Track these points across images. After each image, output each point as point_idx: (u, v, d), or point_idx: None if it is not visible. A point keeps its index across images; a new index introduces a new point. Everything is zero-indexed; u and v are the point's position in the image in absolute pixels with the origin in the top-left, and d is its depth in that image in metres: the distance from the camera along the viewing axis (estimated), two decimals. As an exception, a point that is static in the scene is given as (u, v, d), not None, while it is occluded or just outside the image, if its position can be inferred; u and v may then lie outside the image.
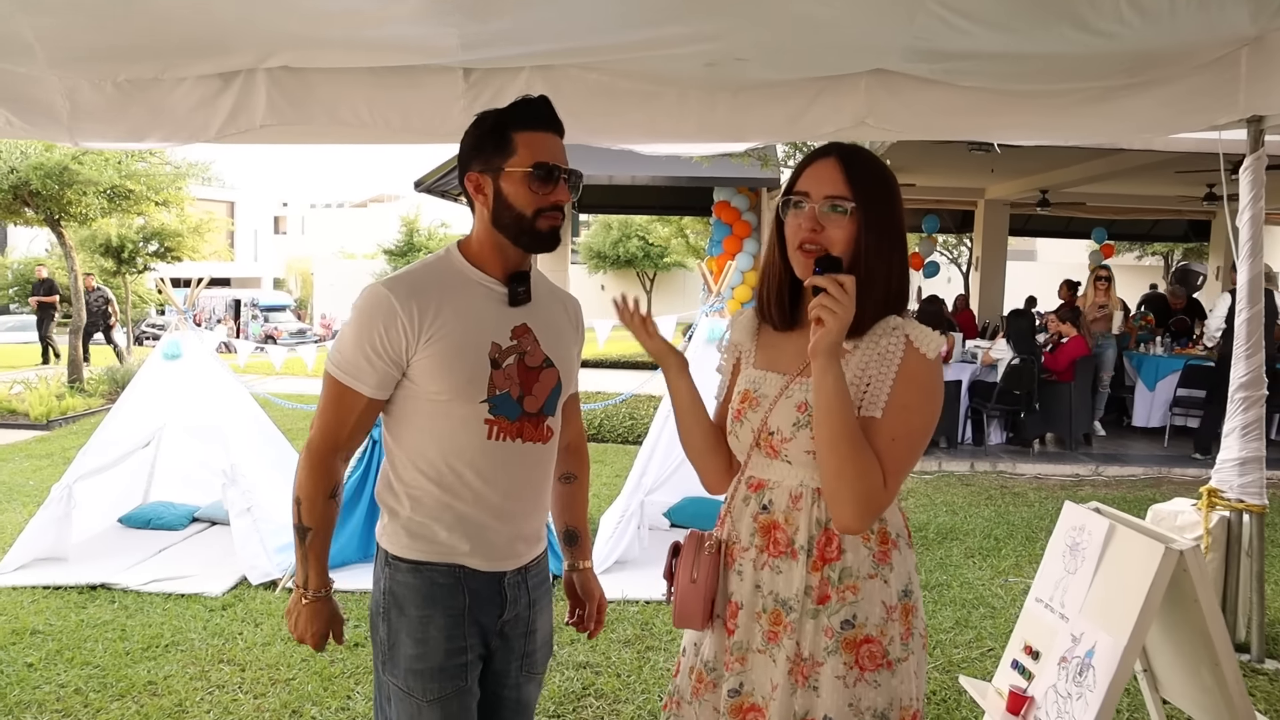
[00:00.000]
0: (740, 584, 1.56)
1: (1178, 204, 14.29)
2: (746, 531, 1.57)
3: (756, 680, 1.53)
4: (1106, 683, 1.97)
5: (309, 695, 3.33)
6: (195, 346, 5.31)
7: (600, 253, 31.76)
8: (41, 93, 3.35)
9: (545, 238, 1.65)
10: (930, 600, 4.44)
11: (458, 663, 1.66)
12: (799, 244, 1.51)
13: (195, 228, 16.57)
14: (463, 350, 1.62)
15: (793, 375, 1.54)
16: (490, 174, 1.63)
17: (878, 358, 1.50)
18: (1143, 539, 2.05)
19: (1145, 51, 3.12)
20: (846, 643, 1.48)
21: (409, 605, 1.66)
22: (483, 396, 1.63)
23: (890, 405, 1.47)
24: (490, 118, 1.66)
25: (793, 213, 1.53)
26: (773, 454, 1.54)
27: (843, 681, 1.47)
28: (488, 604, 1.69)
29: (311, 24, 2.76)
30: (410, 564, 1.67)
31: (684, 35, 2.86)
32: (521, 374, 1.67)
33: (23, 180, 10.75)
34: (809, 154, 1.57)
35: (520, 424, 1.67)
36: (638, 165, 10.29)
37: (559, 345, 1.75)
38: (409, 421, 1.66)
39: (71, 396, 10.37)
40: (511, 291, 1.68)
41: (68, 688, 3.38)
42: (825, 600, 1.49)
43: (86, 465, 4.79)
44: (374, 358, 1.60)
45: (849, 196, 1.48)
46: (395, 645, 1.67)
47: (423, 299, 1.61)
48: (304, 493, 1.65)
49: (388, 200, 52.99)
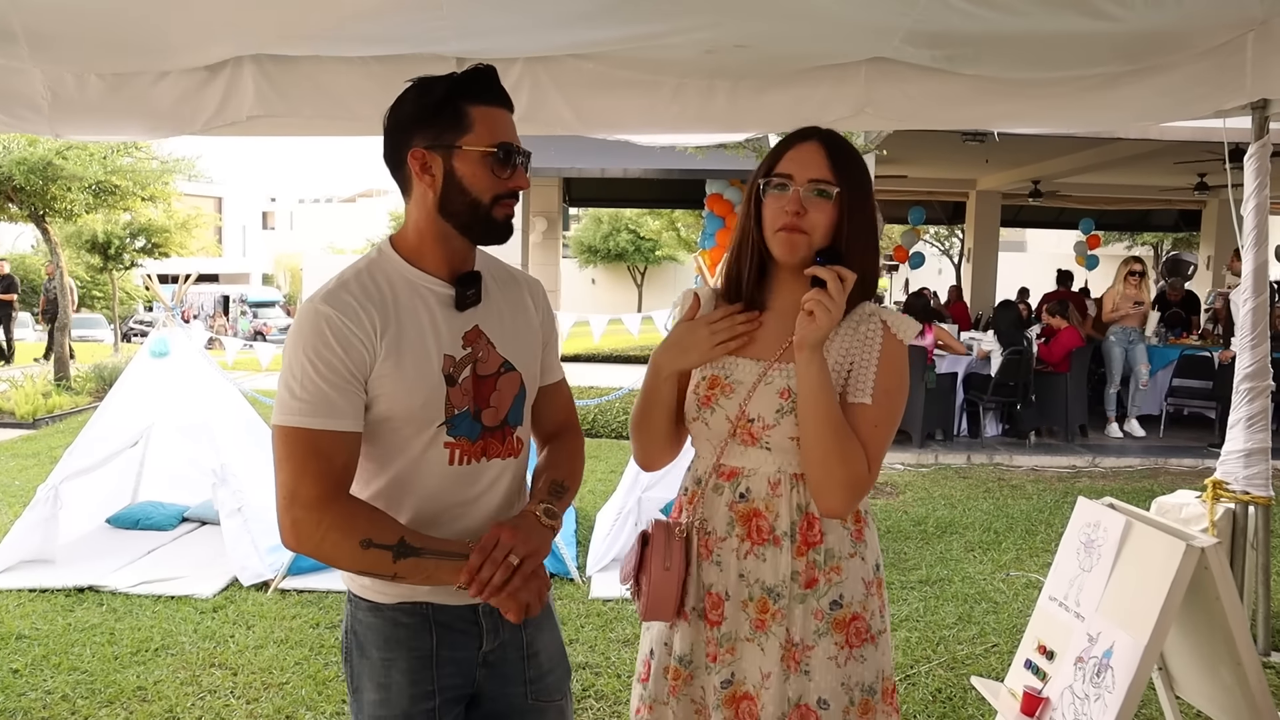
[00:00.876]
0: (721, 575, 1.55)
1: (1169, 194, 14.31)
2: (723, 521, 1.55)
3: (747, 669, 1.53)
4: (1126, 683, 1.92)
5: (303, 700, 3.26)
6: (183, 344, 5.23)
7: (591, 246, 31.68)
8: (23, 85, 3.26)
9: (501, 227, 1.45)
10: (932, 595, 4.39)
11: (424, 708, 1.48)
12: (780, 226, 1.49)
13: (183, 223, 16.45)
14: (417, 366, 1.41)
15: (770, 361, 1.52)
16: (440, 151, 1.40)
17: (858, 344, 1.53)
18: (1163, 536, 2.00)
19: (1150, 35, 3.07)
20: (836, 623, 1.51)
21: (370, 647, 1.49)
22: (440, 419, 1.42)
23: (875, 391, 1.49)
24: (439, 86, 1.42)
25: (774, 194, 1.51)
26: (751, 441, 1.52)
27: (834, 661, 1.51)
28: (462, 637, 1.51)
29: (300, 13, 2.68)
30: (370, 604, 1.49)
31: (683, 24, 2.80)
32: (475, 386, 1.46)
33: (6, 175, 10.60)
34: (788, 136, 1.56)
35: (484, 442, 1.47)
36: (629, 158, 10.19)
37: (517, 343, 1.53)
38: (362, 451, 1.44)
39: (58, 395, 10.25)
40: (459, 295, 1.45)
41: (55, 694, 3.30)
42: (813, 584, 1.51)
43: (73, 465, 4.70)
44: (341, 384, 1.36)
45: (834, 181, 1.48)
46: (359, 689, 1.52)
47: (370, 306, 1.40)
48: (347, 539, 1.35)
49: (376, 195, 52.64)
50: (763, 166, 1.55)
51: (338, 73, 3.17)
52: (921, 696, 3.34)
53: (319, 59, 3.19)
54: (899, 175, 11.97)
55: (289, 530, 1.36)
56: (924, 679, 3.48)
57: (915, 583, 4.57)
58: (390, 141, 1.46)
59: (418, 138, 1.42)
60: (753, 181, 1.56)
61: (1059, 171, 11.81)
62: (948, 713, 3.21)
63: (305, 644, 3.73)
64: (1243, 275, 3.65)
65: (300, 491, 1.34)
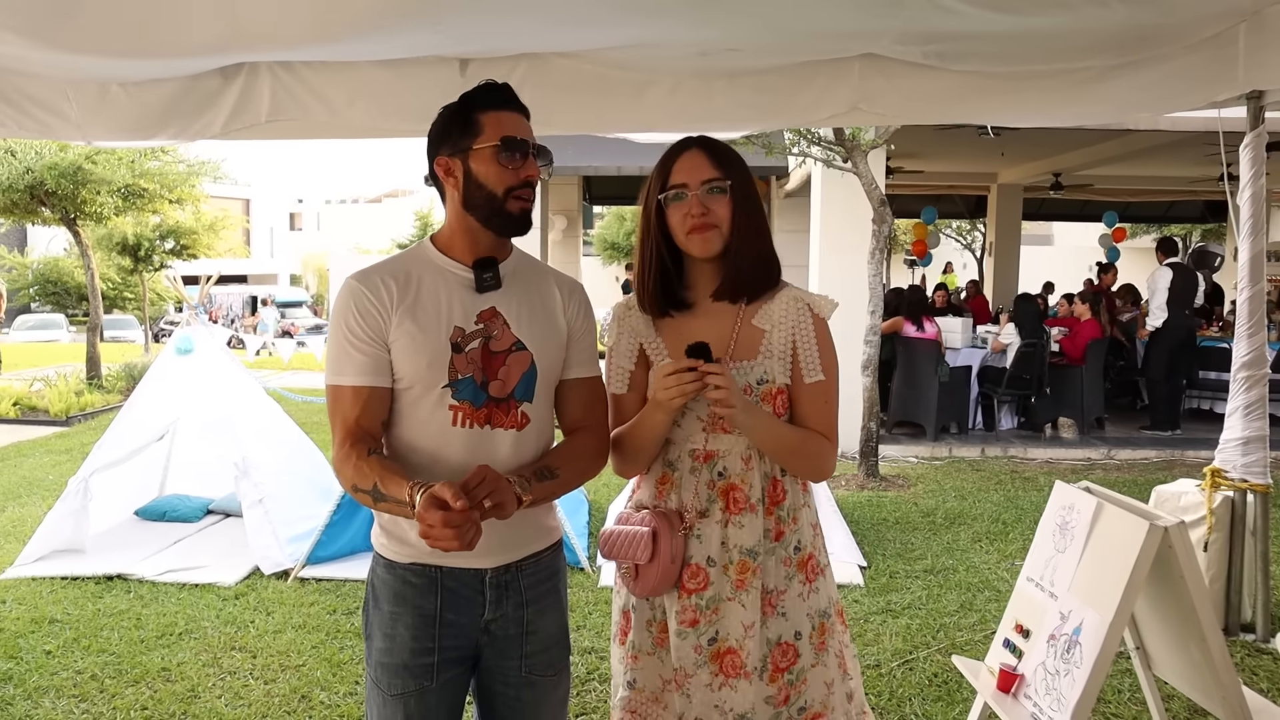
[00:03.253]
0: (701, 546, 1.72)
1: (1193, 185, 14.14)
2: (703, 498, 1.73)
3: (730, 627, 1.71)
4: (1093, 659, 1.99)
5: (318, 681, 3.40)
6: (207, 341, 5.39)
7: (614, 243, 31.74)
8: (50, 92, 3.41)
9: (516, 219, 1.64)
10: (935, 584, 4.45)
11: (423, 663, 1.64)
12: (690, 229, 1.68)
13: (210, 225, 16.73)
14: (425, 333, 1.61)
15: (725, 361, 1.69)
16: (459, 155, 1.63)
17: (794, 326, 1.73)
18: (1128, 516, 2.07)
19: (1140, 28, 3.10)
20: (799, 564, 1.75)
21: (383, 600, 1.67)
22: (444, 381, 1.61)
23: (825, 367, 1.72)
24: (455, 104, 1.67)
25: (675, 204, 1.70)
26: (725, 430, 1.71)
27: (801, 598, 1.74)
28: (467, 604, 1.65)
29: (305, 21, 2.79)
30: (386, 561, 1.68)
31: (676, 26, 2.88)
32: (485, 358, 1.63)
33: (38, 180, 10.89)
34: (667, 151, 1.74)
35: (488, 409, 1.63)
36: (645, 156, 10.25)
37: (535, 328, 1.68)
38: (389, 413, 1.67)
39: (90, 393, 10.53)
40: (478, 278, 1.65)
41: (85, 674, 3.46)
42: (781, 536, 1.74)
43: (102, 459, 4.88)
44: (357, 343, 1.60)
45: (723, 177, 1.69)
46: (370, 636, 1.70)
47: (390, 281, 1.63)
48: (347, 484, 1.60)
49: (402, 195, 53.14)
50: (654, 184, 1.74)
51: (345, 76, 3.29)
52: (919, 680, 3.41)
53: (328, 64, 3.32)
54: (914, 170, 11.94)
55: (335, 473, 1.63)
56: (922, 664, 3.55)
57: (920, 572, 4.63)
58: (427, 157, 1.70)
59: (443, 149, 1.66)
60: (649, 198, 1.74)
61: (1078, 164, 11.72)
62: (942, 695, 3.28)
63: (322, 629, 3.87)
64: (1240, 264, 3.68)
65: (334, 438, 1.63)
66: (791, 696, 1.72)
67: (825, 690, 1.75)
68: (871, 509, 5.85)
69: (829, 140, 6.67)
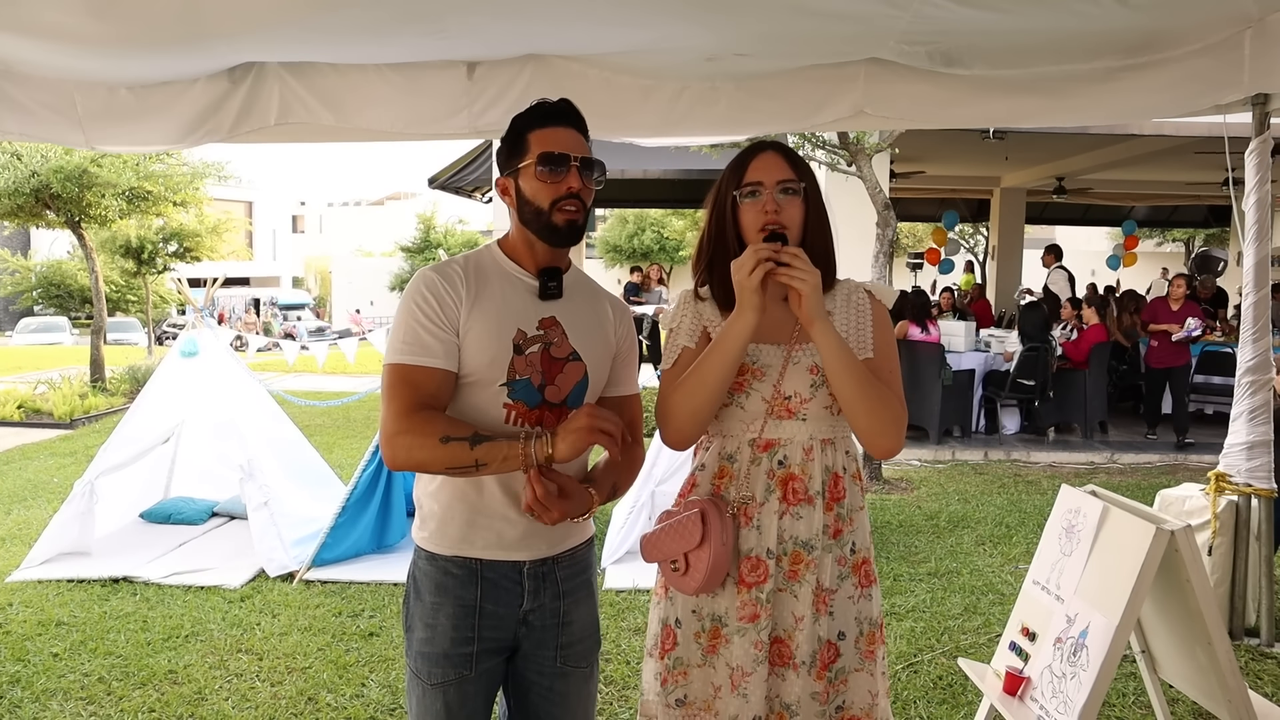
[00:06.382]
0: (760, 538, 1.72)
1: (1197, 189, 14.14)
2: (762, 488, 1.72)
3: (781, 617, 1.72)
4: (1100, 662, 1.99)
5: (324, 683, 3.41)
6: (212, 344, 5.40)
7: (616, 246, 31.78)
8: (57, 97, 3.43)
9: (562, 231, 1.68)
10: (939, 587, 4.45)
11: (463, 652, 1.69)
12: (762, 226, 1.69)
13: (214, 228, 16.77)
14: (491, 330, 1.66)
15: (790, 344, 1.73)
16: (511, 175, 1.71)
17: (853, 313, 1.79)
18: (1135, 520, 2.07)
19: (1145, 32, 3.12)
20: (854, 566, 1.75)
21: (425, 591, 1.73)
22: (502, 380, 1.66)
23: (876, 346, 1.77)
24: (513, 125, 1.74)
25: (749, 202, 1.72)
26: (788, 415, 1.72)
27: (852, 601, 1.75)
28: (506, 595, 1.71)
29: (312, 25, 2.81)
30: (428, 553, 1.73)
31: (684, 31, 2.89)
32: (545, 363, 1.69)
33: (43, 183, 10.93)
34: (744, 151, 1.77)
35: (540, 412, 1.68)
36: (650, 159, 10.27)
37: (589, 342, 1.75)
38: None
39: (94, 396, 10.55)
40: (542, 285, 1.72)
41: (91, 676, 3.47)
42: (839, 534, 1.73)
43: (108, 462, 4.89)
44: (431, 328, 1.63)
45: (797, 179, 1.72)
46: (411, 627, 1.74)
47: (467, 276, 1.69)
48: (434, 437, 1.57)
49: (404, 198, 53.25)
50: (728, 182, 1.75)
51: (353, 80, 3.30)
52: (923, 684, 3.41)
53: (337, 66, 3.33)
54: (917, 172, 11.94)
55: (386, 446, 1.61)
56: (926, 667, 3.56)
57: (924, 575, 4.63)
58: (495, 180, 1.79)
59: (502, 169, 1.74)
60: (724, 195, 1.76)
61: (1081, 168, 11.73)
62: (948, 698, 3.28)
63: (327, 631, 3.87)
64: (1244, 269, 3.68)
65: (392, 410, 1.61)
66: (831, 694, 1.74)
67: (870, 699, 1.77)
68: (875, 512, 5.85)
69: (833, 144, 6.69)
